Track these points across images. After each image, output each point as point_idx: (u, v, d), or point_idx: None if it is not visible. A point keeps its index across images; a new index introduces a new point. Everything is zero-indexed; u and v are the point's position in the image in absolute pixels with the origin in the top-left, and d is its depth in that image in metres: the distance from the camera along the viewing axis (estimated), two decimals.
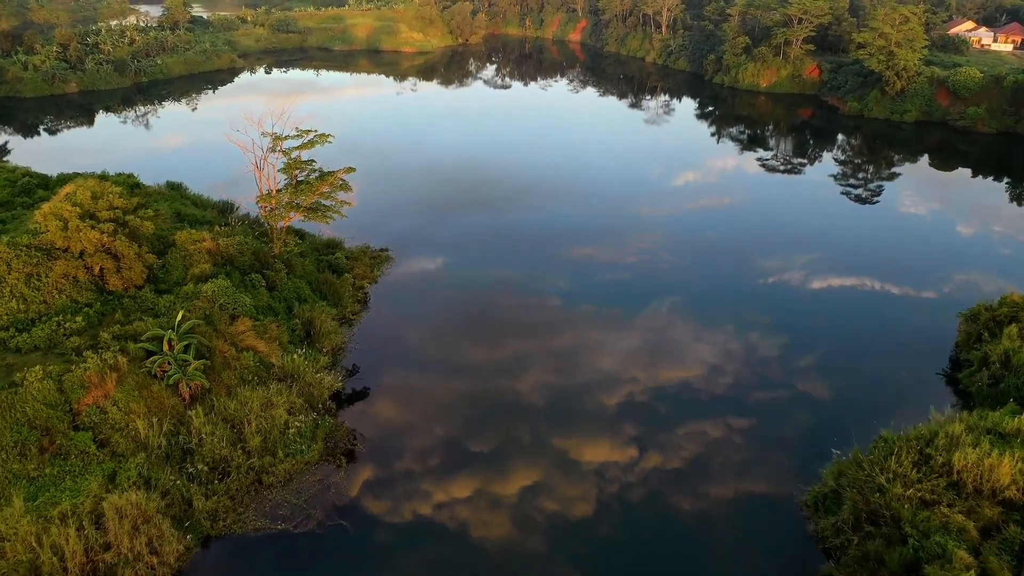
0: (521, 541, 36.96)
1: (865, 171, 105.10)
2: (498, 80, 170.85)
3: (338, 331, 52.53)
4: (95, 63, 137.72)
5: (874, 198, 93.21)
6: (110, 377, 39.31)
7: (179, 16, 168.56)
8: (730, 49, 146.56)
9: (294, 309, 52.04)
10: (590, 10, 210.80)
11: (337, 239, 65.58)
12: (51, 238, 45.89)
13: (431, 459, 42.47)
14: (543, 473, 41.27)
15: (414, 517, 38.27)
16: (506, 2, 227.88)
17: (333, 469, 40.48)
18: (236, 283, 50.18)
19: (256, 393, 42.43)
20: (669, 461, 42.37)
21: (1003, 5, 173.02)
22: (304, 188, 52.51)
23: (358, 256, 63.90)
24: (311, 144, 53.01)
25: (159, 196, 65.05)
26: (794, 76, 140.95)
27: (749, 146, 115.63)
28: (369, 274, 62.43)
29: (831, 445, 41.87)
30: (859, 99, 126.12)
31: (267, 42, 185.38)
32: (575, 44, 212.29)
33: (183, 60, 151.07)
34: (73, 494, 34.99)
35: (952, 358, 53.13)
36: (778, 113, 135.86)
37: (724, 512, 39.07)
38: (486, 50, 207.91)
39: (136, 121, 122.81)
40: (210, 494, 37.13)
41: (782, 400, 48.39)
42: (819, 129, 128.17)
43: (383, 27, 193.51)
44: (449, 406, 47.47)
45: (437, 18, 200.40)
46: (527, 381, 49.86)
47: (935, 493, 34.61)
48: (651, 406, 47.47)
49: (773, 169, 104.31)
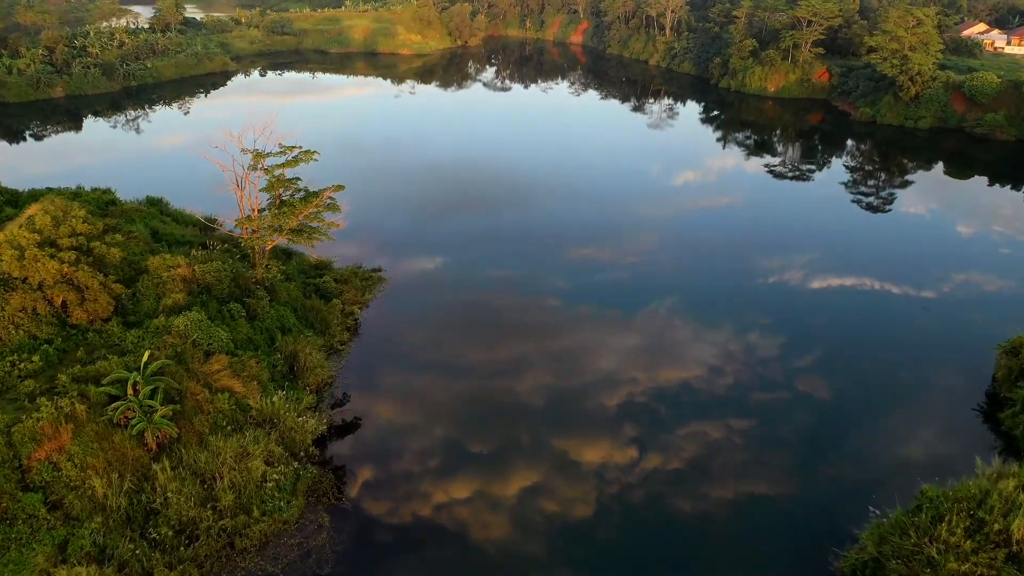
0: (521, 543, 36.70)
1: (877, 178, 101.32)
2: (497, 83, 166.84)
3: (324, 365, 48.41)
4: (82, 67, 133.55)
5: (885, 206, 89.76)
6: (66, 428, 35.21)
7: (171, 18, 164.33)
8: (737, 52, 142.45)
9: (277, 341, 47.93)
10: (592, 11, 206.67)
11: (326, 260, 61.52)
12: (6, 268, 41.79)
13: (430, 461, 41.93)
14: (543, 474, 40.98)
15: (413, 519, 37.85)
16: (506, 3, 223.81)
17: (314, 530, 36.32)
18: (213, 314, 46.08)
19: (230, 442, 38.28)
20: (669, 462, 42.01)
21: (1016, 7, 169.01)
22: (288, 210, 48.36)
23: (348, 278, 59.80)
24: (295, 162, 48.90)
25: (136, 213, 60.95)
26: (803, 80, 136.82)
27: (756, 151, 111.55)
28: (360, 298, 58.34)
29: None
30: (871, 104, 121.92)
31: (261, 44, 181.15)
32: (576, 46, 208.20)
33: (174, 63, 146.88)
34: (16, 569, 30.86)
35: (989, 393, 49.05)
36: (786, 118, 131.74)
37: (727, 519, 38.23)
38: (486, 52, 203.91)
39: (124, 126, 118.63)
40: (174, 563, 33.03)
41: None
42: (829, 135, 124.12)
43: (380, 29, 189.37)
44: (448, 408, 47.22)
45: (435, 20, 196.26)
46: (527, 382, 49.58)
47: (993, 567, 30.57)
48: (651, 407, 47.12)
49: (780, 175, 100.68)
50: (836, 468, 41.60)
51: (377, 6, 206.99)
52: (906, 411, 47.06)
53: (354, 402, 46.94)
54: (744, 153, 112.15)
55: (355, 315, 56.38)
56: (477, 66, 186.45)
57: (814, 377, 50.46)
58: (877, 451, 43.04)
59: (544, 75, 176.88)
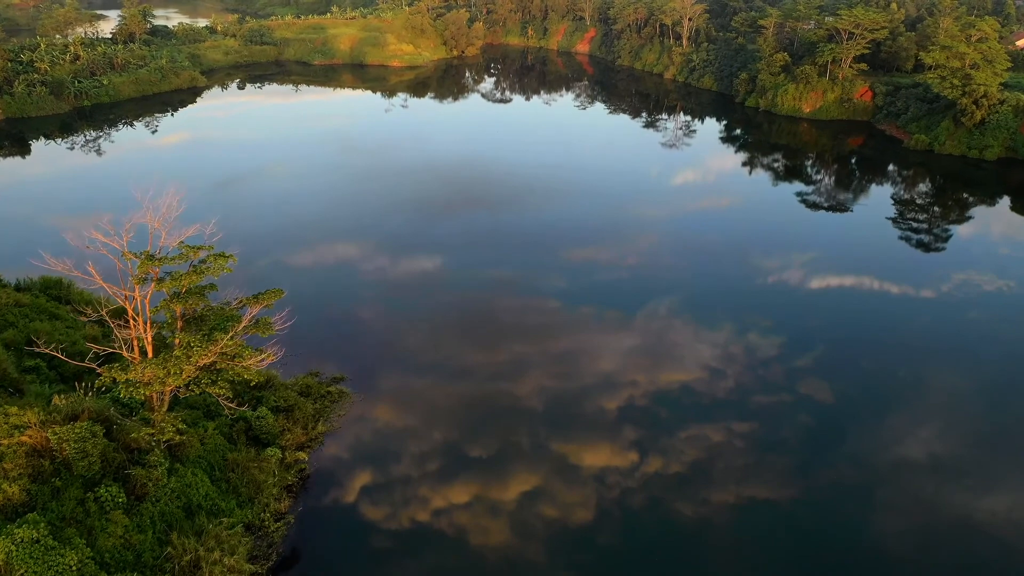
0: (520, 548, 35.98)
1: (931, 212, 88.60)
2: (496, 93, 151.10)
3: (243, 570, 32.67)
4: (26, 84, 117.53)
5: (939, 244, 78.80)
6: None
7: (135, 27, 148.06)
8: (766, 67, 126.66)
9: (170, 541, 32.13)
10: (600, 18, 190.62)
11: (271, 374, 45.76)
12: None
13: (428, 464, 41.23)
14: (542, 478, 40.46)
15: (411, 524, 37.04)
16: (506, 10, 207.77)
17: None
18: (68, 512, 30.30)
19: None
20: (670, 466, 41.60)
21: None
22: (196, 347, 32.48)
23: (295, 404, 43.87)
24: (199, 274, 33.03)
25: (13, 311, 45.26)
26: (843, 100, 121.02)
27: (788, 177, 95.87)
28: (310, 434, 42.53)
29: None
30: (927, 130, 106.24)
31: (238, 55, 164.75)
32: (582, 56, 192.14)
33: (134, 79, 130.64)
34: None
35: None
36: (823, 142, 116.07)
37: (729, 524, 37.53)
38: (484, 61, 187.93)
39: (60, 159, 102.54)
40: None
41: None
42: (872, 162, 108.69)
43: (368, 38, 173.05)
44: (447, 410, 46.46)
45: (429, 28, 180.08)
46: (526, 385, 49.13)
47: None
48: (651, 409, 46.84)
49: (815, 205, 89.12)
50: (837, 471, 41.24)
51: (366, 13, 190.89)
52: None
53: None
54: (774, 179, 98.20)
55: (302, 465, 40.54)
56: (475, 76, 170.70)
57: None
58: (878, 452, 42.96)
59: (547, 86, 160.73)
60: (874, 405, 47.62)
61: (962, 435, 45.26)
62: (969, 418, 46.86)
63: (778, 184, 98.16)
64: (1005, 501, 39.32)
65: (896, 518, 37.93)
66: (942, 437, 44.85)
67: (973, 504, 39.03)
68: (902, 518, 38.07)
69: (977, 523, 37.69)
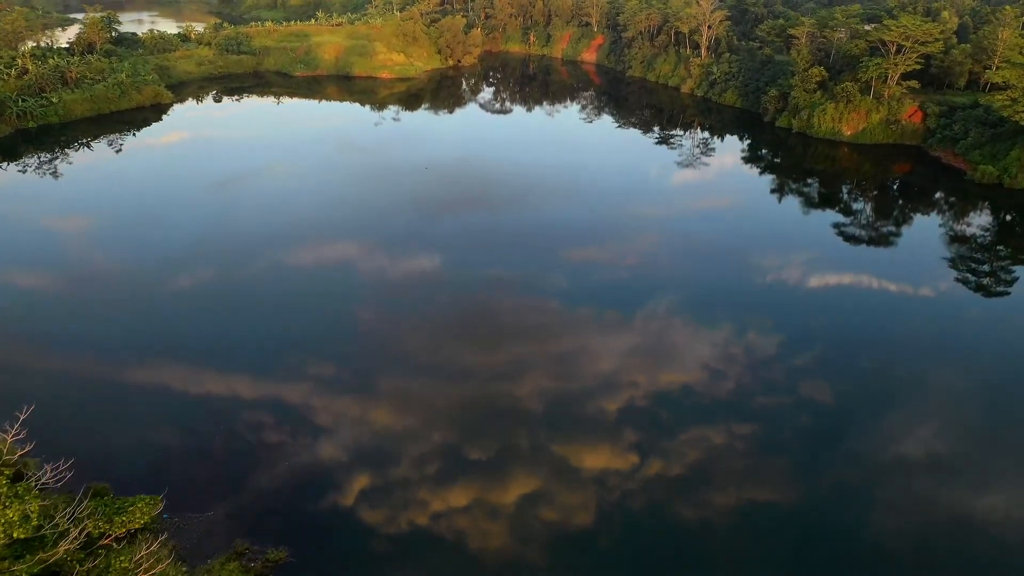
0: (520, 551, 35.63)
1: (994, 253, 76.93)
2: (496, 104, 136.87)
3: None
4: None
5: (1000, 286, 69.09)
6: None
7: (95, 36, 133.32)
8: (800, 83, 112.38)
9: None
10: (608, 25, 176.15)
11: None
12: None
13: (428, 466, 40.96)
14: (542, 481, 40.10)
15: (410, 527, 36.84)
16: (506, 14, 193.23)
17: None
18: None
19: None
20: (670, 468, 41.10)
21: None
22: None
23: None
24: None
25: None
26: (889, 121, 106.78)
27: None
28: None
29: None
30: (992, 159, 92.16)
31: (212, 66, 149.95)
32: (589, 65, 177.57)
33: (88, 96, 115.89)
34: None
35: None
36: (866, 169, 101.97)
37: (729, 525, 37.23)
38: (482, 70, 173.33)
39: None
40: None
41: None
42: (923, 192, 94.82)
43: (355, 47, 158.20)
44: (446, 411, 45.75)
45: (422, 35, 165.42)
46: (526, 386, 48.55)
47: None
48: (651, 411, 46.34)
49: (856, 239, 78.51)
50: (837, 471, 40.82)
51: (353, 19, 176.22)
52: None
53: None
54: (817, 208, 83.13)
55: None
56: (472, 87, 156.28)
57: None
58: (878, 452, 42.56)
59: (550, 97, 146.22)
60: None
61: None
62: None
63: (821, 211, 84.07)
64: (1003, 499, 39.41)
65: (896, 518, 38.16)
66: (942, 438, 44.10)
67: (971, 503, 39.10)
68: (901, 518, 38.28)
69: (975, 522, 37.83)
